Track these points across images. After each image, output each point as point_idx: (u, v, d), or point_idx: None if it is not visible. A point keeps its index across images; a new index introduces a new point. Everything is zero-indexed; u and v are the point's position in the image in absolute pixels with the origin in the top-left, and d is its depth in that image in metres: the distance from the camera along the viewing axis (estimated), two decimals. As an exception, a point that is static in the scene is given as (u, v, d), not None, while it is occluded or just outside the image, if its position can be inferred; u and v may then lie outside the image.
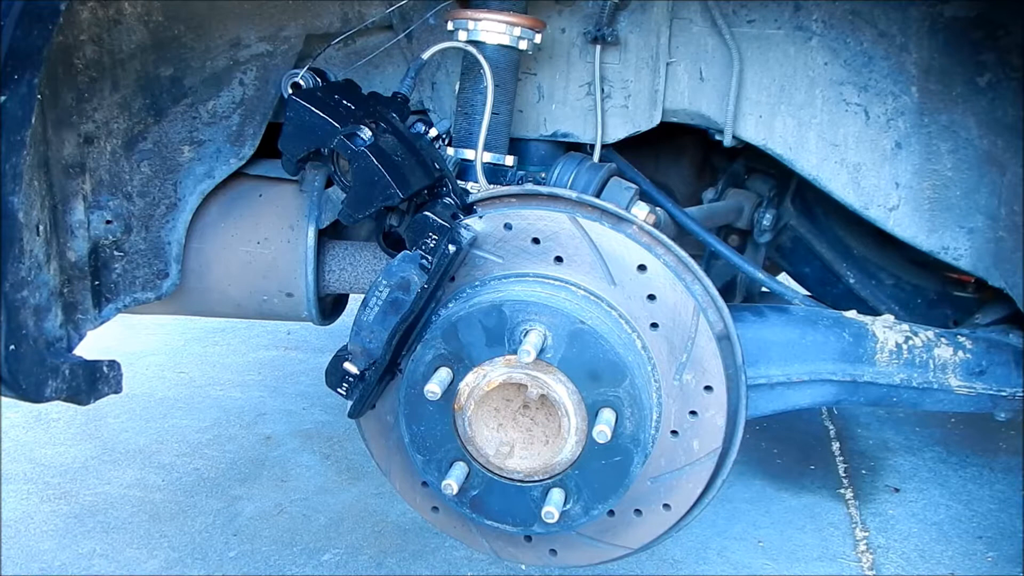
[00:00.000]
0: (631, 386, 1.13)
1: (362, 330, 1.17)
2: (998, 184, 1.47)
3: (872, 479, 2.56)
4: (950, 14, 1.42)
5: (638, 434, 1.15)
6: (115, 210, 1.39)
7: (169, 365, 3.39)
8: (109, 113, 1.35)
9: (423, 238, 1.14)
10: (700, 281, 1.22)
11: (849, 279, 1.99)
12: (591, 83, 1.54)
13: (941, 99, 1.46)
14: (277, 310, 1.57)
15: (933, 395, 1.53)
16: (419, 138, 1.27)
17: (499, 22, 1.37)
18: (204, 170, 1.45)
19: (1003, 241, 1.48)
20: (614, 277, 1.19)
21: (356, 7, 1.45)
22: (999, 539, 2.21)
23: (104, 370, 1.28)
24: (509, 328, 1.14)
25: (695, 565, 2.09)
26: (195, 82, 1.40)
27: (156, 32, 1.34)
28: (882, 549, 2.18)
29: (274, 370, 3.36)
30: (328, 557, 2.10)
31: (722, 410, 1.22)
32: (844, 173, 1.53)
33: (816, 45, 1.49)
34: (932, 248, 1.53)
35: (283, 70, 1.39)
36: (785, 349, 1.50)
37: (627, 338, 1.18)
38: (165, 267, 1.46)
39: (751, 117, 1.54)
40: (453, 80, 1.52)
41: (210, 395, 3.10)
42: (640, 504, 1.27)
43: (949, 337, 1.55)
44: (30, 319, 1.15)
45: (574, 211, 1.20)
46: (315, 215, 1.51)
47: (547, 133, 1.60)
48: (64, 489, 2.42)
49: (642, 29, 1.53)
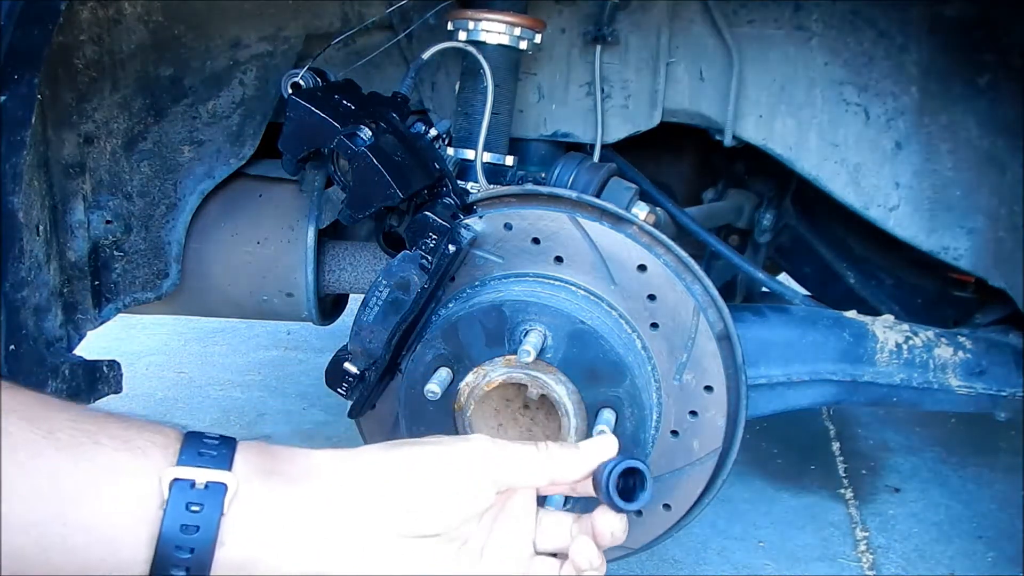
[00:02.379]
0: (631, 386, 1.13)
1: (362, 330, 1.17)
2: (998, 184, 1.47)
3: (872, 479, 2.55)
4: (950, 14, 1.42)
5: (638, 434, 1.15)
6: (115, 210, 1.39)
7: (169, 365, 3.38)
8: (109, 113, 1.35)
9: (423, 238, 1.14)
10: (700, 281, 1.22)
11: (849, 279, 1.99)
12: (591, 83, 1.54)
13: (941, 99, 1.46)
14: (277, 310, 1.57)
15: (933, 395, 1.53)
16: (419, 138, 1.27)
17: (499, 22, 1.37)
18: (204, 170, 1.44)
19: (1003, 241, 1.48)
20: (614, 277, 1.19)
21: (356, 7, 1.45)
22: (999, 539, 2.21)
23: (104, 370, 1.28)
24: (509, 328, 1.14)
25: (695, 565, 2.09)
26: (195, 82, 1.40)
27: (156, 32, 1.34)
28: (882, 549, 2.18)
29: (274, 370, 3.36)
30: (328, 557, 2.10)
31: (722, 410, 1.22)
32: (844, 173, 1.53)
33: (816, 45, 1.49)
34: (932, 248, 1.53)
35: (283, 70, 1.38)
36: (785, 349, 1.50)
37: (627, 338, 1.18)
38: (165, 267, 1.46)
39: (751, 117, 1.54)
40: (453, 80, 1.52)
41: (210, 395, 3.09)
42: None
43: (949, 337, 1.55)
44: (30, 319, 1.15)
45: (574, 211, 1.20)
46: (315, 215, 1.51)
47: (547, 133, 1.60)
48: (64, 489, 2.42)
49: (642, 29, 1.53)
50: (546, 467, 0.82)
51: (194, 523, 0.68)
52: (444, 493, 0.78)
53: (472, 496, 0.79)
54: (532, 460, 0.82)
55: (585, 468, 0.84)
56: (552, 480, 0.83)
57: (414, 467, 0.78)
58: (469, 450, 0.81)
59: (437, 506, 0.77)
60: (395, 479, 0.77)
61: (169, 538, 0.67)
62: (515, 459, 0.82)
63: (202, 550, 0.68)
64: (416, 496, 0.77)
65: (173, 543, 0.68)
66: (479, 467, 0.80)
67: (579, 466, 0.83)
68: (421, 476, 0.78)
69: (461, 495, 0.78)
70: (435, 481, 0.78)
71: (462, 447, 0.81)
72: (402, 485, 0.77)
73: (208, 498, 0.69)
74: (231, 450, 0.73)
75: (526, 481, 0.82)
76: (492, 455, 0.81)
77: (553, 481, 0.83)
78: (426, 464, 0.79)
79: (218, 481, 0.70)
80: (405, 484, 0.77)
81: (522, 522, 0.84)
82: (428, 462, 0.79)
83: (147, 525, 0.68)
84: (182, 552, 0.68)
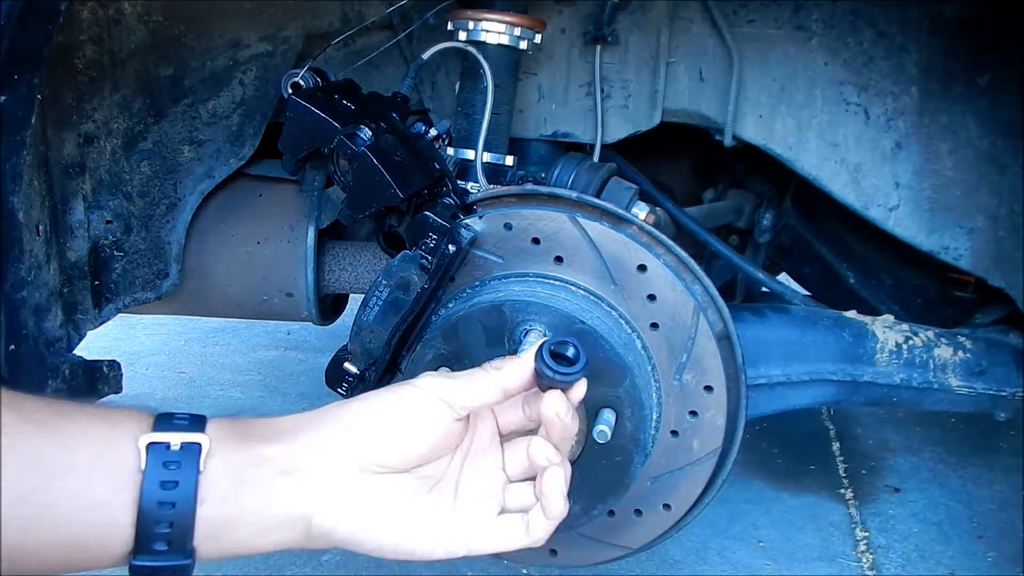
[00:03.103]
0: (631, 386, 1.13)
1: (362, 330, 1.17)
2: (998, 184, 1.46)
3: (872, 479, 2.55)
4: (950, 14, 1.42)
5: (638, 434, 1.15)
6: (115, 210, 1.39)
7: (169, 365, 3.38)
8: (109, 113, 1.35)
9: (423, 238, 1.14)
10: (700, 281, 1.22)
11: (849, 279, 1.99)
12: (591, 83, 1.54)
13: (941, 99, 1.46)
14: (277, 310, 1.57)
15: (933, 395, 1.53)
16: (419, 138, 1.27)
17: (499, 22, 1.36)
18: (204, 170, 1.44)
19: (1003, 241, 1.48)
20: (614, 277, 1.19)
21: (356, 7, 1.45)
22: (999, 539, 2.21)
23: (104, 370, 1.28)
24: (509, 328, 1.14)
25: (695, 565, 2.09)
26: (195, 82, 1.40)
27: (156, 32, 1.34)
28: (882, 549, 2.18)
29: (274, 370, 3.36)
30: (328, 557, 2.10)
31: (722, 410, 1.22)
32: (844, 173, 1.53)
33: (816, 45, 1.49)
34: (932, 248, 1.52)
35: (283, 70, 1.38)
36: (785, 349, 1.49)
37: (627, 338, 1.18)
38: (165, 267, 1.46)
39: (751, 117, 1.54)
40: (453, 80, 1.52)
41: (210, 395, 3.09)
42: (640, 504, 1.27)
43: (949, 337, 1.55)
44: (30, 319, 1.15)
45: (574, 211, 1.20)
46: (315, 215, 1.51)
47: (547, 133, 1.60)
48: (64, 489, 2.42)
49: (642, 29, 1.53)
50: (493, 379, 0.88)
51: (172, 479, 0.71)
52: (402, 425, 0.83)
53: (430, 424, 0.85)
54: (478, 376, 0.88)
55: (528, 369, 0.88)
56: (503, 390, 0.88)
57: (370, 410, 0.85)
58: (417, 384, 0.86)
59: (397, 438, 0.83)
60: (356, 423, 0.83)
61: (150, 496, 0.71)
62: (462, 380, 0.88)
63: (183, 506, 0.72)
64: (377, 432, 0.83)
65: (155, 500, 0.71)
66: (430, 396, 0.85)
67: (522, 369, 0.88)
68: (378, 415, 0.84)
69: (418, 424, 0.84)
70: (391, 417, 0.84)
71: (409, 385, 0.87)
72: (363, 426, 0.83)
73: (184, 457, 0.73)
74: (202, 421, 0.78)
75: (478, 398, 0.87)
76: (439, 383, 0.86)
77: (504, 391, 0.88)
78: (380, 405, 0.85)
79: (193, 441, 0.74)
80: (365, 425, 0.83)
81: (490, 455, 0.91)
82: (382, 403, 0.85)
83: (129, 490, 0.71)
84: (164, 509, 0.71)
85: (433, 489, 0.87)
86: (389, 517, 0.83)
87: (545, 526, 0.88)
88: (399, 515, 0.84)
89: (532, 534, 0.88)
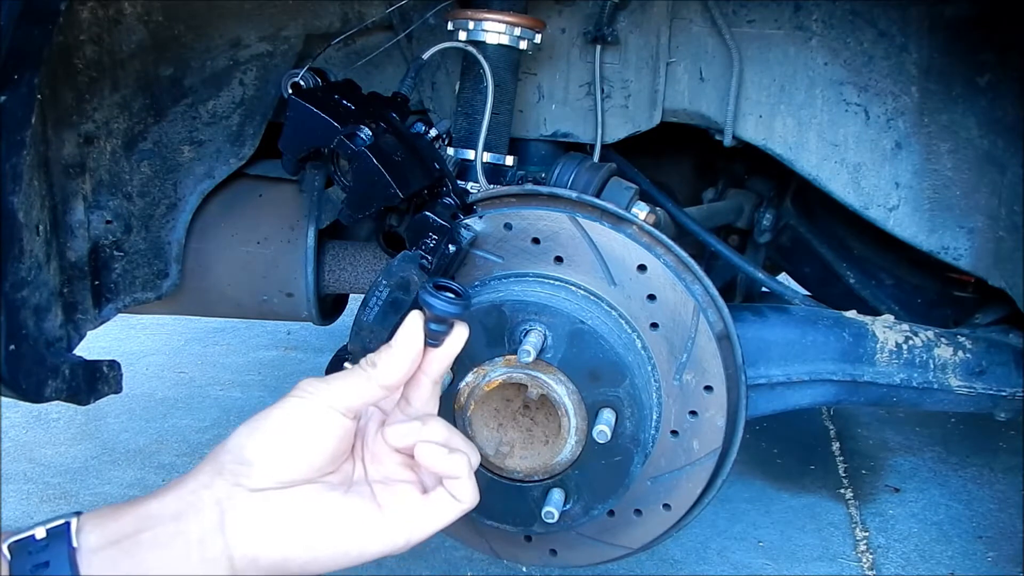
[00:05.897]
0: (631, 386, 1.13)
1: (362, 330, 1.17)
2: (998, 184, 1.46)
3: (872, 479, 2.56)
4: (950, 14, 1.42)
5: (638, 434, 1.15)
6: (115, 210, 1.39)
7: (169, 365, 3.39)
8: (109, 113, 1.35)
9: (423, 238, 1.14)
10: (700, 281, 1.22)
11: (849, 279, 1.99)
12: (591, 83, 1.54)
13: (941, 99, 1.46)
14: (277, 310, 1.57)
15: (933, 395, 1.53)
16: (419, 138, 1.27)
17: (499, 22, 1.37)
18: (204, 170, 1.45)
19: (1003, 241, 1.48)
20: (614, 277, 1.19)
21: (356, 7, 1.45)
22: (999, 539, 2.21)
23: (104, 370, 1.28)
24: (509, 328, 1.14)
25: (695, 565, 2.09)
26: (195, 82, 1.40)
27: (156, 32, 1.34)
28: (882, 549, 2.18)
29: (274, 370, 3.36)
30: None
31: (722, 410, 1.22)
32: (844, 173, 1.53)
33: (816, 45, 1.49)
34: (932, 248, 1.52)
35: (283, 70, 1.39)
36: (785, 349, 1.50)
37: (627, 338, 1.18)
38: (165, 267, 1.46)
39: (751, 117, 1.54)
40: (453, 80, 1.52)
41: (210, 395, 3.09)
42: (640, 504, 1.27)
43: (949, 337, 1.55)
44: (30, 319, 1.15)
45: (574, 211, 1.20)
46: (315, 215, 1.51)
47: (547, 133, 1.60)
48: (64, 489, 2.42)
49: (642, 29, 1.53)
50: (371, 378, 0.87)
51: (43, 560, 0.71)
52: (292, 437, 0.83)
53: (326, 431, 0.84)
54: (355, 377, 0.87)
55: (403, 358, 0.88)
56: (383, 385, 0.87)
57: (264, 430, 0.83)
58: (301, 394, 0.85)
59: (292, 450, 0.82)
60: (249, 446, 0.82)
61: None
62: (341, 382, 0.87)
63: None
64: (269, 450, 0.81)
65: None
66: (319, 404, 0.85)
67: (398, 361, 0.88)
68: (267, 434, 0.83)
69: (313, 433, 0.84)
70: (279, 431, 0.83)
71: (294, 397, 0.85)
72: (260, 446, 0.82)
73: (52, 540, 0.72)
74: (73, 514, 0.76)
75: (360, 399, 0.86)
76: (323, 390, 0.85)
77: (384, 387, 0.87)
78: (266, 423, 0.83)
79: (58, 524, 0.74)
80: (256, 447, 0.82)
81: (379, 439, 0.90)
82: (268, 422, 0.83)
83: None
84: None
85: (349, 491, 0.86)
86: (314, 529, 0.82)
87: (465, 485, 0.87)
88: (323, 525, 0.82)
89: (461, 499, 0.87)
